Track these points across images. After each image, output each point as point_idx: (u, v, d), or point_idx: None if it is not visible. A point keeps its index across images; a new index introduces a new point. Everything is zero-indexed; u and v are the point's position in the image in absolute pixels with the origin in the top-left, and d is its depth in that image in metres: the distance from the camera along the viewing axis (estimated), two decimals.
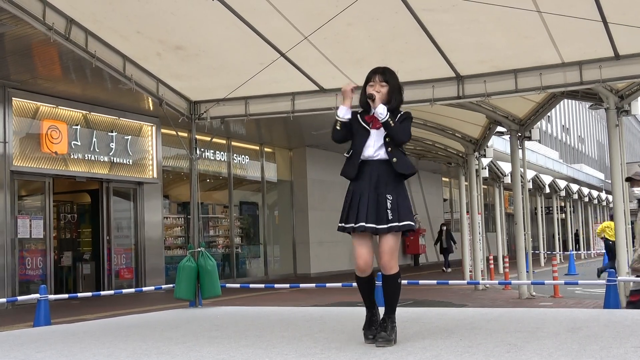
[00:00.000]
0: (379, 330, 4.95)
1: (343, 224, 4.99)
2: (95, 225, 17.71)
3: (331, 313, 8.28)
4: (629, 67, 7.68)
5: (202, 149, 17.76)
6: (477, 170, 17.09)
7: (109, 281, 17.27)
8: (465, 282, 15.13)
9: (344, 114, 5.13)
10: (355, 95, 5.24)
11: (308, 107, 9.22)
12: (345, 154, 5.17)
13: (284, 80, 8.76)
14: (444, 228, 26.97)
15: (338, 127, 5.13)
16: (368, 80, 5.16)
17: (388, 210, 4.88)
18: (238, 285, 13.48)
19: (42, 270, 15.52)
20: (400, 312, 5.07)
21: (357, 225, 4.90)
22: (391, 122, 4.96)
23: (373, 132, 5.04)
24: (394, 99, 5.09)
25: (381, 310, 5.16)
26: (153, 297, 15.23)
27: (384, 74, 5.13)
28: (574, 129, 62.44)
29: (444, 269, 24.79)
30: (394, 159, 4.96)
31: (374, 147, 5.00)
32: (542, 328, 5.77)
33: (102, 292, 8.19)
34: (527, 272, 13.94)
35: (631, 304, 7.95)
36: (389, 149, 4.98)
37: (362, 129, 5.08)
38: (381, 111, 4.97)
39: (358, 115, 5.17)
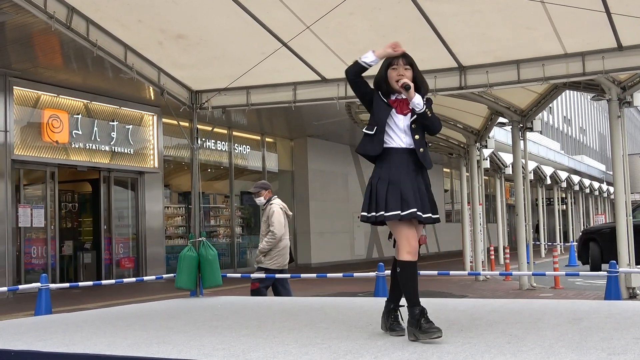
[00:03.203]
0: (428, 322, 4.50)
1: (399, 212, 4.56)
2: (96, 215, 17.73)
3: (332, 303, 8.28)
4: (632, 58, 7.65)
5: (203, 139, 17.78)
6: (478, 161, 17.08)
7: (106, 270, 17.29)
8: (466, 272, 15.14)
9: (370, 60, 4.83)
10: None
11: (310, 97, 9.20)
12: (365, 130, 4.86)
13: (286, 70, 8.74)
14: None
15: (353, 67, 4.88)
16: (389, 63, 4.88)
17: (430, 203, 4.74)
18: (239, 275, 13.49)
19: (46, 259, 15.58)
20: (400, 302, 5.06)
21: (424, 215, 4.63)
22: (429, 112, 4.77)
23: (400, 116, 4.79)
24: (423, 88, 4.87)
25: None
26: (154, 287, 15.25)
27: (406, 57, 4.88)
28: (575, 120, 62.38)
29: None
30: (421, 149, 4.78)
31: (407, 136, 4.76)
32: (543, 319, 5.77)
33: (103, 282, 8.19)
34: (527, 263, 13.95)
35: (252, 292, 8.98)
36: (416, 136, 4.77)
37: (384, 104, 4.81)
38: (419, 102, 4.73)
39: (379, 93, 4.89)
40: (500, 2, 6.96)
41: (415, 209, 4.59)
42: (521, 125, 14.14)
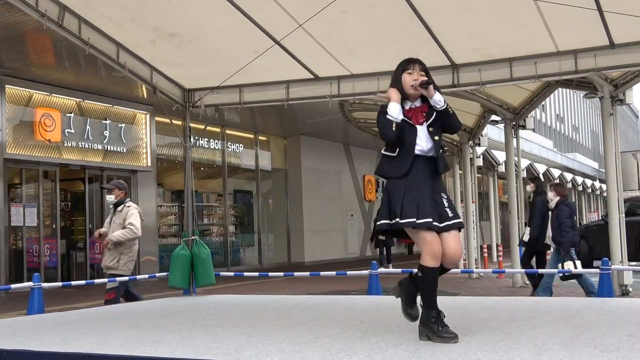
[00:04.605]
0: (444, 326, 4.51)
1: (414, 219, 4.49)
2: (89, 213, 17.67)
3: (325, 301, 8.29)
4: (624, 56, 7.66)
5: (196, 137, 17.73)
6: (471, 159, 17.08)
7: (98, 269, 17.24)
8: (459, 270, 15.12)
9: (398, 113, 4.64)
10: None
11: (302, 96, 9.19)
12: (385, 152, 4.75)
13: (279, 68, 8.73)
14: None
15: (393, 129, 4.62)
16: (403, 69, 4.79)
17: (447, 209, 4.64)
18: (232, 274, 13.48)
19: (39, 258, 15.56)
20: (393, 300, 5.06)
21: (442, 224, 4.55)
22: (450, 109, 4.70)
23: (418, 127, 4.68)
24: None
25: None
26: (147, 286, 15.22)
27: (421, 63, 4.80)
28: (568, 118, 62.53)
29: (384, 265, 18.70)
30: (440, 151, 4.69)
31: (427, 143, 4.66)
32: (536, 317, 5.78)
33: (96, 281, 8.17)
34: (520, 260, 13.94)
35: (107, 302, 8.40)
36: (436, 137, 4.67)
37: (408, 125, 4.67)
38: (439, 99, 4.66)
39: None
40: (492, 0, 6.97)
41: (430, 219, 4.52)
42: (514, 123, 14.16)
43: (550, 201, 10.31)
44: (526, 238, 10.98)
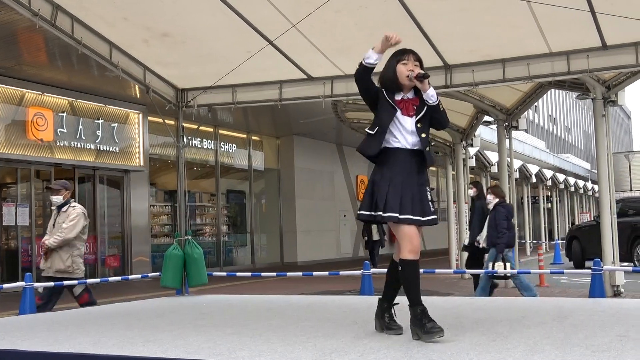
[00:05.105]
0: (431, 321, 4.47)
1: (397, 214, 4.52)
2: None
3: (318, 302, 8.29)
4: (616, 57, 7.69)
5: (189, 137, 17.72)
6: (464, 160, 17.10)
7: (91, 269, 17.23)
8: (451, 271, 15.15)
9: (374, 59, 4.66)
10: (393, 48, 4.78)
11: (296, 96, 9.19)
12: (367, 130, 4.78)
13: (272, 69, 8.72)
14: None
15: (358, 66, 4.71)
16: (398, 60, 4.78)
17: (430, 203, 4.67)
18: (225, 274, 13.46)
19: (31, 258, 15.52)
20: None
21: (418, 218, 4.56)
22: (441, 106, 4.70)
23: (406, 118, 4.67)
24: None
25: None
26: (139, 286, 15.19)
27: (415, 54, 4.81)
28: (560, 119, 62.70)
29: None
30: (427, 148, 4.70)
31: (412, 136, 4.66)
32: (528, 317, 5.79)
33: (88, 280, 8.18)
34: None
35: (84, 305, 8.34)
36: (423, 135, 4.67)
37: (389, 106, 4.69)
38: (433, 93, 4.67)
39: (384, 92, 4.76)
40: (486, 0, 6.98)
41: (411, 215, 4.55)
42: (507, 123, 14.19)
43: (488, 203, 10.37)
44: (467, 242, 11.14)
